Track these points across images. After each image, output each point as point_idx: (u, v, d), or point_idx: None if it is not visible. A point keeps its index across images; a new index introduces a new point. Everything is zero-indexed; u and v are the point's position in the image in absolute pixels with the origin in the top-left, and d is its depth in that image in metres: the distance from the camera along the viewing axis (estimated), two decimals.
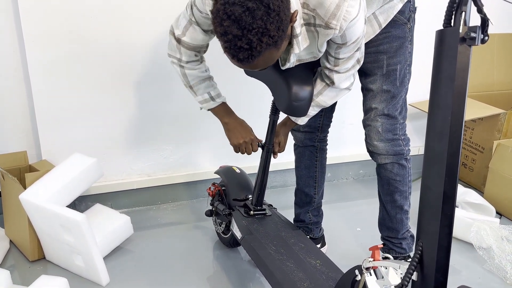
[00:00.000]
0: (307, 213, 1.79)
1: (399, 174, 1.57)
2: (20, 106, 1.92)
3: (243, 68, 1.17)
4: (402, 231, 1.64)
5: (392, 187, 1.59)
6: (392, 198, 1.60)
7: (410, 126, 2.59)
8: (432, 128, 0.90)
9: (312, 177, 1.76)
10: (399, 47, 1.46)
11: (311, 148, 1.73)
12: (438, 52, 0.88)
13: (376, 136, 1.53)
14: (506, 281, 1.70)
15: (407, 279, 0.91)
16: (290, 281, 1.29)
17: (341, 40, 1.23)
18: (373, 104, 1.51)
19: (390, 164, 1.56)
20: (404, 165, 1.58)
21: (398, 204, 1.61)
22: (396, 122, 1.53)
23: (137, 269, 1.73)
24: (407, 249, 1.66)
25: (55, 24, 1.81)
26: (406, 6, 1.44)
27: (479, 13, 0.83)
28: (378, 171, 1.62)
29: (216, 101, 1.50)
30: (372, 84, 1.50)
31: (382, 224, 1.68)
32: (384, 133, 1.52)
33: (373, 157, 1.59)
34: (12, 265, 1.72)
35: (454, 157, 0.87)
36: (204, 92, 1.48)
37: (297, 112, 1.43)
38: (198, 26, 1.33)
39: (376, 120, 1.51)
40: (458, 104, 0.86)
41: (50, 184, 1.67)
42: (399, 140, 1.55)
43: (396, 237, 1.65)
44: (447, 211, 0.88)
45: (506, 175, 2.15)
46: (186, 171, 2.21)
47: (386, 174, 1.58)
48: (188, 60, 1.43)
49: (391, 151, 1.54)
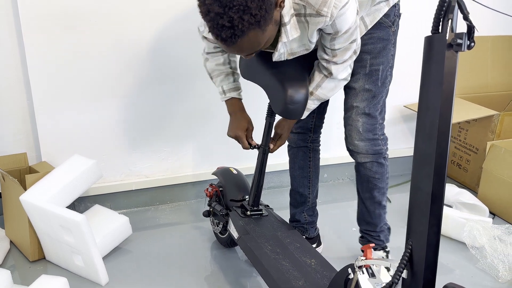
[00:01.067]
0: (302, 213, 1.83)
1: (378, 172, 1.62)
2: (20, 108, 1.94)
3: (230, 51, 1.19)
4: (380, 224, 1.70)
5: (371, 184, 1.64)
6: (371, 194, 1.66)
7: (405, 127, 2.63)
8: (421, 130, 0.93)
9: (306, 177, 1.79)
10: (383, 48, 1.50)
11: (304, 148, 1.77)
12: (426, 57, 0.91)
13: (357, 136, 1.57)
14: (498, 280, 1.73)
15: (397, 277, 0.94)
16: (286, 280, 1.32)
17: (332, 29, 1.26)
18: (354, 102, 1.54)
19: (369, 163, 1.60)
20: (383, 164, 1.62)
21: (376, 200, 1.66)
22: (376, 122, 1.57)
23: (135, 268, 1.75)
24: (384, 241, 1.72)
25: (55, 25, 1.83)
26: (392, 10, 1.49)
27: (465, 20, 0.87)
28: (357, 169, 1.67)
29: (226, 95, 1.58)
30: (355, 82, 1.53)
31: (361, 219, 1.73)
32: (365, 133, 1.56)
33: (353, 155, 1.64)
34: (13, 265, 1.74)
35: (442, 158, 0.90)
36: (219, 85, 1.58)
37: (293, 114, 1.46)
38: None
39: (357, 120, 1.55)
40: (446, 106, 0.89)
41: (50, 186, 1.69)
42: (378, 140, 1.59)
43: (374, 230, 1.71)
44: (436, 210, 0.91)
45: (499, 176, 2.18)
46: (184, 172, 2.24)
47: (365, 172, 1.63)
48: (209, 51, 1.54)
49: (371, 151, 1.58)
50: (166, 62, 2.04)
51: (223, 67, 1.55)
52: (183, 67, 2.06)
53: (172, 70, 2.06)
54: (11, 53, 1.86)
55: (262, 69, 1.47)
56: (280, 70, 1.43)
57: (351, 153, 1.63)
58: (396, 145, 2.64)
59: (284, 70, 1.43)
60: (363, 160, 1.61)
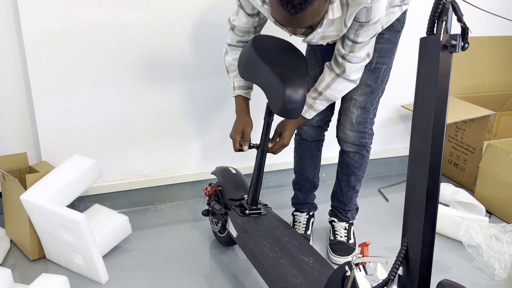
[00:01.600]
0: (312, 195, 2.01)
1: (358, 162, 1.78)
2: (20, 107, 1.96)
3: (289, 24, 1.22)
4: (349, 205, 1.89)
5: (350, 171, 1.80)
6: (348, 179, 1.82)
7: (402, 127, 2.64)
8: (416, 130, 0.94)
9: (315, 166, 1.93)
10: (389, 50, 1.63)
11: (318, 142, 1.88)
12: (421, 58, 0.93)
13: (349, 126, 1.69)
14: (494, 278, 1.75)
15: (393, 274, 0.96)
16: (284, 278, 1.33)
17: (365, 17, 1.33)
18: (354, 94, 1.64)
19: (352, 152, 1.75)
20: (364, 155, 1.78)
21: (351, 184, 1.83)
22: (368, 116, 1.69)
23: (135, 267, 1.76)
24: (350, 218, 1.92)
25: (55, 25, 1.84)
26: (403, 15, 1.60)
27: (459, 22, 0.88)
28: (341, 155, 1.82)
29: (235, 92, 1.64)
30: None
31: (334, 196, 1.92)
32: (357, 124, 1.68)
33: (340, 142, 1.77)
34: (13, 264, 1.75)
35: (436, 157, 0.92)
36: (232, 81, 1.65)
37: (291, 114, 1.47)
38: (243, 10, 1.48)
39: (353, 111, 1.66)
40: (441, 107, 0.91)
41: (50, 185, 1.71)
42: (366, 133, 1.73)
43: (343, 208, 1.91)
44: (431, 208, 0.93)
45: (496, 175, 2.20)
46: (183, 171, 2.25)
47: (347, 160, 1.78)
48: (231, 44, 1.60)
49: (358, 142, 1.72)
50: (166, 62, 2.05)
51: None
52: (183, 67, 2.08)
53: (172, 70, 2.07)
54: (11, 52, 1.87)
55: (260, 69, 1.48)
56: (278, 70, 1.45)
57: (339, 139, 1.76)
58: (393, 145, 2.65)
59: (283, 70, 1.45)
60: (348, 149, 1.75)
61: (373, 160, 2.59)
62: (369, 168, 2.61)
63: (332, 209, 1.96)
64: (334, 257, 1.82)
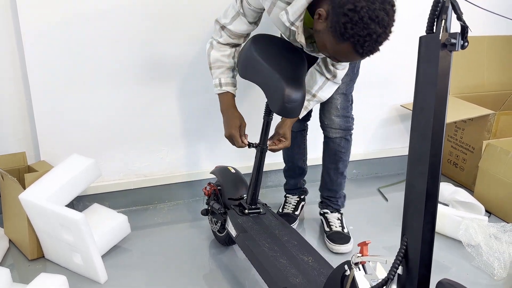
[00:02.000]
0: (302, 180, 2.14)
1: (344, 147, 1.88)
2: (19, 107, 1.95)
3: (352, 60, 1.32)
4: (339, 191, 1.99)
5: (337, 157, 1.90)
6: (336, 166, 1.92)
7: (402, 126, 2.64)
8: (416, 130, 0.94)
9: (302, 153, 2.06)
10: None
11: (302, 132, 2.03)
12: (420, 57, 0.92)
13: (334, 112, 1.81)
14: (493, 277, 1.75)
15: (393, 273, 0.96)
16: (283, 277, 1.33)
17: None
18: None
19: (339, 138, 1.86)
20: (349, 140, 1.89)
21: (340, 171, 1.93)
22: (349, 102, 1.83)
23: (134, 267, 1.76)
24: (341, 205, 2.03)
25: (54, 25, 1.84)
26: None
27: (459, 20, 0.88)
28: (326, 143, 1.91)
29: (222, 88, 1.61)
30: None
31: (324, 187, 2.00)
32: (341, 110, 1.81)
33: (325, 130, 1.88)
34: (12, 264, 1.75)
35: (436, 157, 0.91)
36: (217, 77, 1.61)
37: (290, 113, 1.47)
38: (244, 18, 1.50)
39: (336, 98, 1.78)
40: (440, 106, 0.90)
41: (49, 184, 1.70)
42: (349, 118, 1.85)
43: (334, 196, 1.99)
44: (430, 208, 0.93)
45: (495, 175, 2.20)
46: (182, 171, 2.25)
47: (333, 147, 1.88)
48: (221, 42, 1.58)
49: (343, 126, 1.84)
50: (165, 62, 2.05)
51: (227, 59, 1.59)
52: (182, 67, 2.07)
53: (171, 69, 2.06)
54: (10, 52, 1.87)
55: (260, 68, 1.48)
56: (277, 69, 1.44)
57: (325, 127, 1.87)
58: (392, 144, 2.65)
59: (282, 69, 1.45)
60: (334, 135, 1.86)
61: (372, 160, 2.60)
62: (368, 167, 2.63)
63: (322, 200, 2.04)
64: (335, 246, 1.88)
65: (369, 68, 2.41)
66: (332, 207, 2.00)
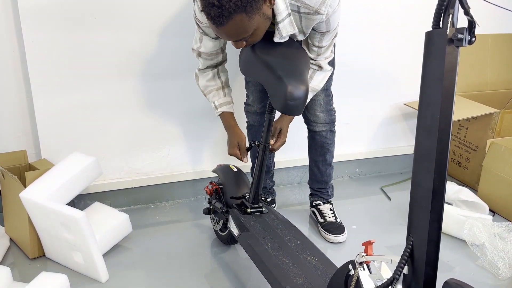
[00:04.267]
0: (266, 180, 2.11)
1: (330, 139, 1.94)
2: (20, 105, 1.95)
3: (220, 34, 1.33)
4: (329, 182, 2.05)
5: (325, 149, 1.96)
6: (324, 157, 1.98)
7: (405, 125, 2.63)
8: (422, 126, 0.92)
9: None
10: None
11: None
12: (427, 53, 0.91)
13: (319, 108, 1.87)
14: (498, 277, 1.73)
15: (398, 273, 0.94)
16: (286, 277, 1.32)
17: (325, 27, 1.47)
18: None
19: (325, 131, 1.92)
20: (334, 131, 1.95)
21: (328, 162, 1.99)
22: (330, 96, 1.89)
23: (135, 266, 1.75)
24: (331, 195, 2.08)
25: (55, 23, 1.83)
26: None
27: (466, 15, 0.86)
28: (313, 137, 1.95)
29: (218, 110, 1.71)
30: None
31: (314, 180, 2.06)
32: (325, 105, 1.87)
33: (311, 125, 1.92)
34: (12, 263, 1.74)
35: (443, 154, 0.90)
36: (212, 101, 1.72)
37: (293, 111, 1.45)
38: (207, 35, 1.57)
39: (318, 95, 1.83)
40: (447, 102, 0.89)
41: (50, 183, 1.69)
42: (332, 111, 1.91)
43: (325, 188, 2.06)
44: (437, 206, 0.91)
45: (499, 173, 2.18)
46: (184, 170, 2.24)
47: (320, 140, 1.94)
48: (201, 68, 1.69)
49: (328, 120, 1.90)
50: (166, 60, 2.04)
51: (213, 82, 1.70)
52: (183, 65, 2.06)
53: (172, 67, 2.05)
54: (11, 49, 1.86)
55: (262, 66, 1.47)
56: (280, 66, 1.43)
57: (310, 122, 1.91)
58: (395, 143, 2.64)
59: (284, 66, 1.43)
60: (320, 129, 1.91)
61: (375, 159, 2.58)
62: (371, 166, 2.61)
63: (313, 193, 2.09)
64: (332, 236, 1.93)
65: (371, 67, 2.40)
66: (324, 198, 2.06)
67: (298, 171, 2.46)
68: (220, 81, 1.71)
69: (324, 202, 2.06)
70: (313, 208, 2.08)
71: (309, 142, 1.99)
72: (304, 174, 2.48)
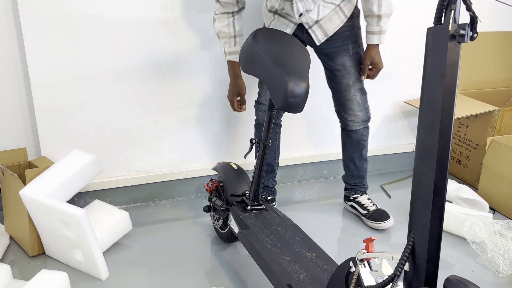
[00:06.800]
0: (269, 179, 2.13)
1: (365, 135, 1.99)
2: (20, 103, 1.94)
3: None
4: (365, 175, 2.10)
5: (361, 145, 2.01)
6: (360, 153, 2.03)
7: (405, 123, 2.62)
8: (423, 123, 0.92)
9: (273, 150, 2.08)
10: (356, 34, 1.85)
11: (274, 125, 2.03)
12: (428, 49, 0.90)
13: (357, 108, 1.90)
14: (498, 275, 1.73)
15: (399, 270, 0.94)
16: (287, 274, 1.31)
17: None
18: (349, 81, 1.86)
19: (362, 129, 1.96)
20: (368, 127, 1.99)
21: (364, 157, 2.04)
22: (365, 94, 1.92)
23: (136, 264, 1.75)
24: (367, 187, 2.13)
25: (55, 20, 1.82)
26: (356, 2, 1.82)
27: (468, 11, 0.86)
28: (348, 135, 1.99)
29: (226, 57, 1.83)
30: (343, 65, 1.84)
31: (350, 176, 2.09)
32: (363, 103, 1.91)
33: (348, 125, 1.95)
34: (12, 261, 1.73)
35: (444, 150, 0.90)
36: (223, 46, 1.82)
37: (294, 108, 1.45)
38: None
39: (356, 94, 1.88)
40: (448, 99, 0.88)
41: (50, 180, 1.69)
42: (368, 108, 1.95)
43: (361, 181, 2.10)
44: (438, 203, 0.91)
45: (499, 171, 2.18)
46: (184, 167, 2.24)
47: (357, 137, 1.98)
48: (217, 13, 1.77)
49: (365, 117, 1.94)
50: (166, 58, 2.03)
51: (227, 29, 1.78)
52: (183, 63, 2.06)
53: (172, 65, 2.05)
54: (10, 47, 1.86)
55: (262, 63, 1.46)
56: (280, 63, 1.43)
57: (348, 123, 1.94)
58: (396, 141, 2.64)
59: (285, 64, 1.43)
60: (358, 128, 1.95)
61: (375, 157, 2.58)
62: (371, 164, 2.61)
63: (349, 188, 2.12)
64: (381, 224, 1.99)
65: None
66: (361, 191, 2.11)
67: (298, 169, 2.46)
68: (233, 30, 1.77)
69: (362, 194, 2.10)
70: (350, 202, 2.11)
71: (343, 140, 2.03)
72: (304, 172, 2.48)
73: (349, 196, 2.12)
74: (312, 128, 2.39)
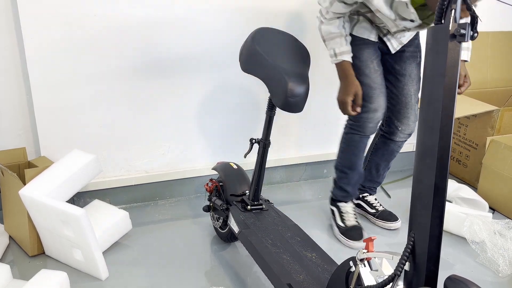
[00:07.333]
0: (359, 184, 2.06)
1: (401, 147, 1.96)
2: (19, 102, 1.94)
3: None
4: (381, 181, 2.10)
5: (393, 156, 1.99)
6: (388, 164, 2.02)
7: None
8: (424, 123, 0.92)
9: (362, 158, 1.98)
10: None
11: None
12: (429, 49, 0.90)
13: (413, 118, 1.85)
14: (498, 274, 1.73)
15: (400, 269, 0.94)
16: (286, 273, 1.31)
17: None
18: (412, 88, 1.81)
19: (403, 141, 1.92)
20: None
21: (389, 166, 2.04)
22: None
23: (135, 263, 1.75)
24: (376, 190, 2.13)
25: (54, 19, 1.82)
26: None
27: (469, 10, 0.86)
28: (387, 144, 1.95)
29: (337, 58, 1.69)
30: (411, 71, 1.80)
31: (368, 179, 2.07)
32: (417, 116, 1.86)
33: (393, 134, 1.89)
34: (12, 260, 1.73)
35: (444, 150, 0.90)
36: (331, 48, 1.69)
37: (294, 108, 1.45)
38: (342, 2, 1.57)
39: (415, 104, 1.83)
40: (449, 99, 0.88)
41: (50, 180, 1.69)
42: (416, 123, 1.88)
43: (375, 186, 2.11)
44: (438, 202, 0.91)
45: (499, 171, 2.18)
46: (184, 167, 2.24)
47: (393, 148, 1.95)
48: (329, 17, 1.66)
49: (412, 131, 1.89)
50: (166, 57, 2.03)
51: (337, 30, 1.66)
52: (184, 62, 2.06)
53: (172, 65, 2.05)
54: (10, 47, 1.85)
55: (262, 62, 1.46)
56: (280, 63, 1.43)
57: (396, 132, 1.88)
58: None
59: (285, 64, 1.43)
60: (401, 139, 1.91)
61: None
62: None
63: (361, 189, 2.09)
64: (391, 224, 2.00)
65: None
66: (370, 194, 2.12)
67: (298, 169, 2.46)
68: (344, 30, 1.68)
69: (371, 194, 2.12)
70: (358, 201, 2.12)
71: (378, 145, 1.99)
72: (304, 172, 2.48)
73: (359, 193, 2.12)
74: (312, 128, 2.39)
